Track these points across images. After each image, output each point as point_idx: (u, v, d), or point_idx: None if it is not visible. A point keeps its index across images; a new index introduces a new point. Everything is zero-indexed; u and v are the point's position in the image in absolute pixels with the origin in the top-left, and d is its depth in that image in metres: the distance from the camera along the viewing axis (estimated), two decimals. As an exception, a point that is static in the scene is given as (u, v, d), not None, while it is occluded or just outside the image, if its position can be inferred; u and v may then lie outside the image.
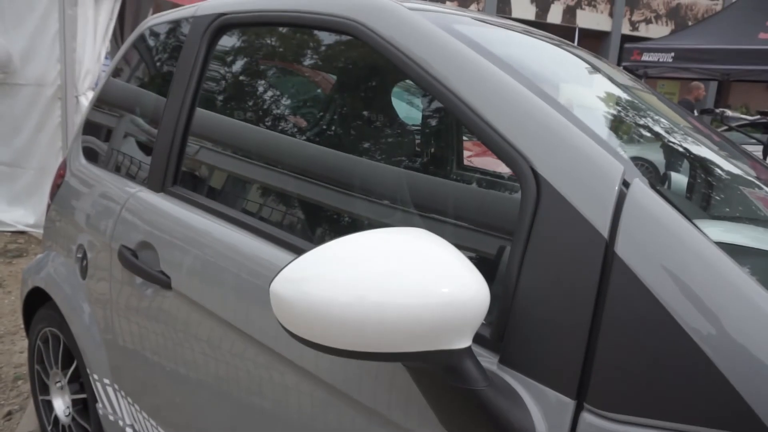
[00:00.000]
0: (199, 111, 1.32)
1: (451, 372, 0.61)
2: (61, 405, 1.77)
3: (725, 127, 5.59)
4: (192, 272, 1.13)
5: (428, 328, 0.57)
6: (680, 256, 0.62)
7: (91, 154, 1.69)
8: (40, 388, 1.85)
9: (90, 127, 1.77)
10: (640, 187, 0.67)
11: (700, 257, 0.61)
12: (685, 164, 1.17)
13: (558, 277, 0.67)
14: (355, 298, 0.56)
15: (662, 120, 1.21)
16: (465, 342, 0.60)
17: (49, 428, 1.81)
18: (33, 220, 3.87)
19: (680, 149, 1.17)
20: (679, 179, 1.15)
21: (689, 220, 0.66)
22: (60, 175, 1.80)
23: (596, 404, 0.62)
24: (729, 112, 5.90)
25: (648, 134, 1.12)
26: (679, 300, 0.60)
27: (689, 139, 1.19)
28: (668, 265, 0.62)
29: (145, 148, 1.46)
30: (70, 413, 1.71)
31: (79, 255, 1.55)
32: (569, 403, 0.64)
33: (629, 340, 0.61)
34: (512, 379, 0.68)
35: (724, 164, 1.16)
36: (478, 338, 0.74)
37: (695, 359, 0.58)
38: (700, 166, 1.15)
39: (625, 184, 0.68)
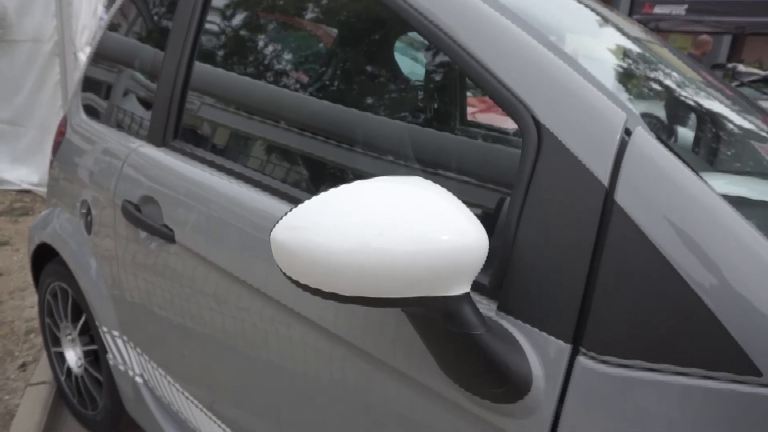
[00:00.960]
0: (198, 65, 1.30)
1: (450, 317, 0.63)
2: (72, 356, 1.82)
3: (737, 83, 5.47)
4: (195, 225, 1.14)
5: (427, 274, 0.58)
6: (681, 204, 0.62)
7: (91, 110, 1.68)
8: (52, 341, 1.90)
9: (88, 83, 1.75)
10: (642, 135, 0.66)
11: (702, 207, 0.61)
12: (694, 118, 1.15)
13: (557, 225, 0.67)
14: (356, 244, 0.57)
15: (673, 73, 1.19)
16: (464, 288, 0.61)
17: (62, 378, 1.87)
18: (37, 178, 3.88)
19: (690, 103, 1.15)
20: (686, 133, 1.13)
21: (693, 169, 0.65)
22: (61, 132, 1.80)
23: (592, 348, 0.64)
24: (741, 67, 5.75)
25: (657, 87, 1.10)
26: (679, 248, 0.60)
27: (700, 93, 1.17)
28: (668, 214, 0.62)
29: (145, 102, 1.44)
30: (82, 364, 1.76)
31: (84, 211, 1.56)
32: (566, 348, 0.65)
33: (626, 287, 0.62)
34: (510, 325, 0.70)
35: (735, 119, 1.14)
36: (477, 286, 0.75)
37: (692, 306, 0.59)
38: (709, 120, 1.13)
39: (627, 132, 0.68)
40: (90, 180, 1.52)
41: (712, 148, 1.08)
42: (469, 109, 1.58)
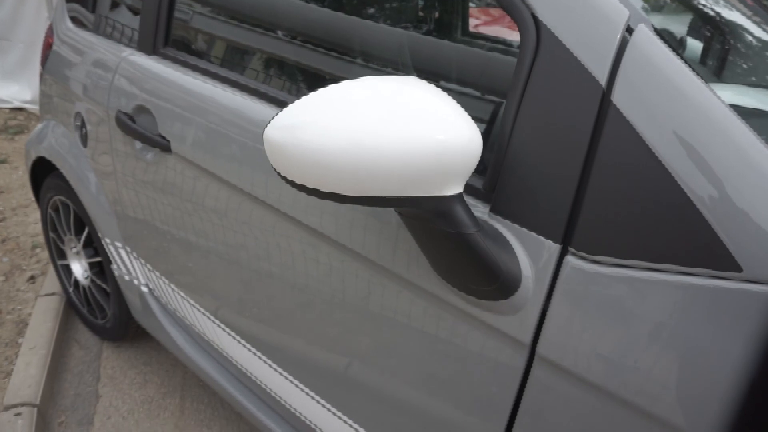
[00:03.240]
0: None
1: (442, 217, 0.64)
2: (78, 269, 1.87)
3: None
4: (189, 134, 1.13)
5: (421, 173, 0.58)
6: (680, 107, 0.61)
7: (77, 19, 1.61)
8: (58, 254, 1.95)
9: (73, -11, 1.66)
10: (644, 33, 0.64)
11: (702, 111, 0.60)
12: (707, 27, 1.11)
13: (552, 127, 0.66)
14: (349, 143, 0.56)
15: None
16: (457, 188, 0.62)
17: (70, 290, 1.94)
18: (29, 96, 3.80)
19: (705, 11, 1.10)
20: (696, 41, 1.09)
21: (696, 72, 0.64)
22: (48, 43, 1.74)
23: (580, 248, 0.65)
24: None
25: None
26: (674, 151, 0.60)
27: (719, 1, 1.12)
28: (666, 116, 0.61)
29: (133, 8, 1.39)
30: (88, 276, 1.81)
31: (78, 123, 1.54)
32: (555, 248, 0.67)
33: (618, 187, 0.63)
34: (502, 227, 0.71)
35: (754, 30, 1.10)
36: (471, 190, 0.76)
37: (681, 206, 0.60)
38: (724, 30, 1.09)
39: (629, 30, 0.66)
40: (82, 92, 1.49)
41: (723, 58, 1.04)
42: (474, 21, 1.52)
